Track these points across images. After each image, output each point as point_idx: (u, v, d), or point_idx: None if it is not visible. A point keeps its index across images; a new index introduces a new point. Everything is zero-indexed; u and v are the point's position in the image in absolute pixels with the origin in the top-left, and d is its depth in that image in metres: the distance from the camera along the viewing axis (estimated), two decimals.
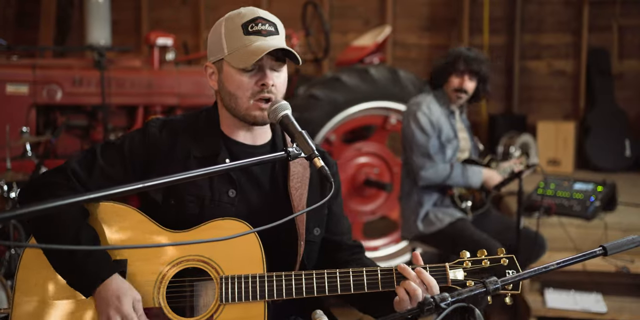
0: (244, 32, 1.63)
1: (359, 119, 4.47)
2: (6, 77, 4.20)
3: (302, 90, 4.33)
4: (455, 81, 3.32)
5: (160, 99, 4.54)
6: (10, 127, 3.94)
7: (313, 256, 1.80)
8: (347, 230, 1.89)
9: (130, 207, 1.65)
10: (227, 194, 1.69)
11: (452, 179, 3.27)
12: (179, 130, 1.73)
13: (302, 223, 1.74)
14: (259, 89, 1.63)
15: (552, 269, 1.20)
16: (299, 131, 1.52)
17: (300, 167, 1.77)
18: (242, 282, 1.58)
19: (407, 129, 3.36)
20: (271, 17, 1.68)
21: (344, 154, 4.50)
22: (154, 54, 4.54)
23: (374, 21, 6.46)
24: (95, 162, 1.68)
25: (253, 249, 1.60)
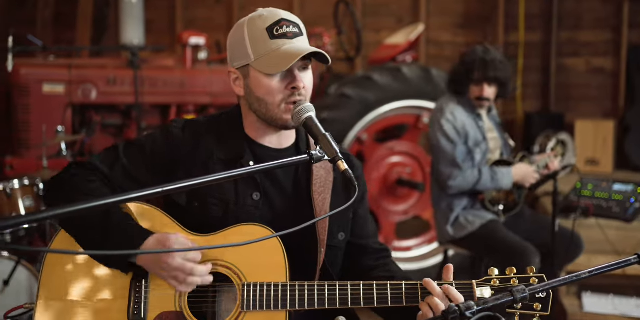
0: (269, 36, 1.60)
1: (391, 118, 4.43)
2: (43, 77, 4.28)
3: (333, 90, 4.31)
4: (475, 90, 3.26)
5: (192, 98, 4.57)
6: (47, 126, 4.02)
7: (337, 261, 1.77)
8: (373, 234, 1.86)
9: (155, 209, 1.64)
10: (251, 197, 1.68)
11: (482, 185, 3.19)
12: (202, 132, 1.71)
13: (323, 229, 1.70)
14: (290, 93, 1.61)
15: (583, 277, 1.16)
16: (323, 133, 1.50)
17: (324, 170, 1.74)
18: (264, 290, 1.56)
19: (433, 137, 3.31)
20: (293, 18, 1.65)
21: (376, 154, 4.46)
22: (187, 53, 4.57)
23: (407, 19, 6.39)
24: (118, 160, 1.67)
25: (276, 256, 1.58)
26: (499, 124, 3.48)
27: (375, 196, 4.52)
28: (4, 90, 4.41)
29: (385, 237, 4.55)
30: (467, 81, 3.23)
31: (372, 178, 4.48)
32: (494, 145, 3.38)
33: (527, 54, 6.24)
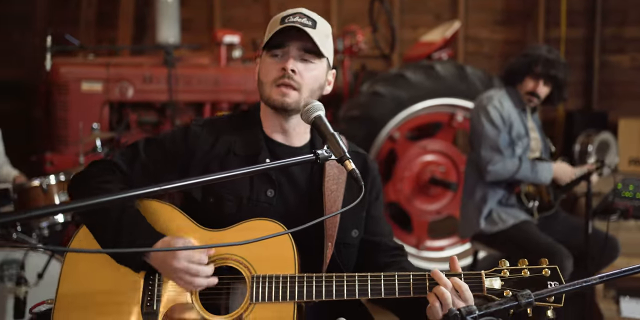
0: (279, 22, 1.65)
1: (424, 117, 4.37)
2: (82, 75, 4.38)
3: (365, 87, 4.28)
4: (529, 84, 3.21)
5: (226, 96, 4.61)
6: (84, 123, 4.11)
7: (351, 258, 1.78)
8: (387, 233, 1.86)
9: (170, 205, 1.67)
10: (265, 193, 1.70)
11: (521, 174, 3.14)
12: (221, 128, 1.75)
13: (332, 225, 1.71)
14: (280, 74, 1.64)
15: (593, 283, 1.12)
16: (331, 133, 1.50)
17: (336, 169, 1.76)
18: (272, 282, 1.58)
19: (477, 123, 3.27)
20: (315, 16, 1.69)
21: (409, 152, 4.41)
22: (221, 51, 4.62)
23: (445, 16, 6.30)
24: (138, 157, 1.72)
25: (286, 250, 1.59)
26: (541, 127, 3.44)
27: (408, 195, 4.47)
28: (45, 89, 4.52)
29: (418, 237, 4.50)
30: (525, 73, 3.20)
31: (404, 176, 4.43)
32: (535, 145, 3.33)
33: (568, 51, 6.08)
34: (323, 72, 1.71)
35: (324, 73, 1.71)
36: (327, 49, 1.69)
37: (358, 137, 4.15)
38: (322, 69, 1.70)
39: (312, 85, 1.67)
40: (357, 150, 1.85)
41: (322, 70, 1.70)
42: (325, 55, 1.68)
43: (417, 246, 4.49)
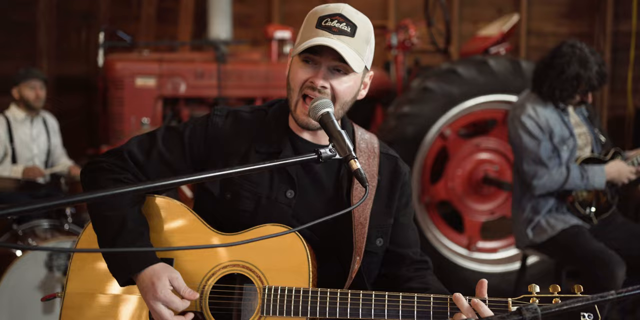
0: (316, 25, 1.54)
1: (476, 113, 4.23)
2: (136, 71, 4.48)
3: (416, 83, 4.17)
4: (577, 98, 3.02)
5: (277, 91, 4.60)
6: (139, 118, 4.20)
7: (374, 268, 1.71)
8: (414, 244, 1.76)
9: (182, 205, 1.63)
10: (284, 194, 1.63)
11: (571, 183, 2.95)
12: (244, 122, 1.68)
13: (361, 236, 1.63)
14: (309, 86, 1.55)
15: (610, 299, 1.02)
16: (338, 131, 1.44)
17: (367, 174, 1.66)
18: (284, 295, 1.51)
19: (514, 135, 3.09)
20: (356, 18, 1.56)
21: (461, 150, 4.28)
22: (272, 47, 4.61)
23: (507, 9, 6.07)
24: (155, 146, 1.65)
25: (300, 261, 1.52)
26: (588, 118, 3.21)
27: (460, 194, 4.34)
28: (102, 84, 4.65)
29: (470, 237, 4.37)
30: (574, 92, 2.98)
31: (456, 175, 4.31)
32: (583, 141, 3.12)
33: (639, 45, 5.75)
34: (358, 81, 1.60)
35: (359, 82, 1.61)
36: (365, 57, 1.57)
37: (407, 134, 4.07)
38: (357, 78, 1.59)
39: (344, 98, 1.57)
40: (388, 153, 1.76)
41: (357, 80, 1.59)
42: (363, 66, 1.56)
43: (468, 247, 4.36)
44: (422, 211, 4.26)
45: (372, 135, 1.78)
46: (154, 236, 1.59)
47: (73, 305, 1.59)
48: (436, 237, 4.30)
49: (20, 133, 4.23)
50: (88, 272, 1.60)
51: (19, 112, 4.23)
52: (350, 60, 1.51)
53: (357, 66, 1.54)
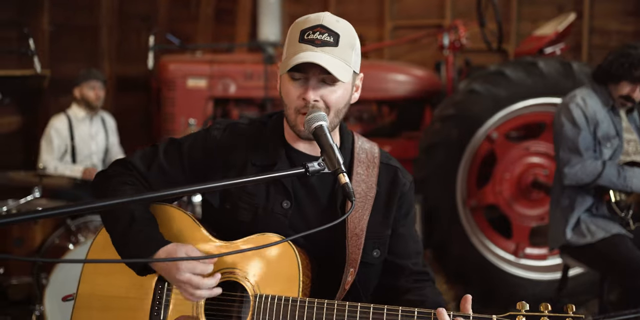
0: (299, 39, 1.56)
1: (525, 116, 4.11)
2: (188, 72, 4.60)
3: (462, 85, 4.10)
4: (625, 88, 2.91)
5: None
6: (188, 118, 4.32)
7: (370, 278, 1.71)
8: (414, 255, 1.75)
9: (185, 213, 1.67)
10: (281, 204, 1.65)
11: (605, 179, 2.85)
12: (242, 135, 1.71)
13: (356, 248, 1.63)
14: (303, 104, 1.57)
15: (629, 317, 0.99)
16: (329, 144, 1.46)
17: (365, 185, 1.67)
18: (274, 304, 1.54)
19: (557, 122, 3.03)
20: (338, 27, 1.57)
21: (509, 153, 4.18)
22: None
23: (568, 7, 5.87)
24: (156, 158, 1.70)
25: (291, 269, 1.55)
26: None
27: (508, 198, 4.24)
28: (156, 85, 4.81)
29: (517, 243, 4.26)
30: (622, 76, 2.90)
31: (504, 179, 4.21)
32: (632, 148, 3.00)
33: None
34: (348, 87, 1.61)
35: (350, 87, 1.62)
36: (352, 62, 1.58)
37: (452, 136, 4.01)
38: (347, 84, 1.61)
39: (337, 106, 1.59)
40: (388, 163, 1.76)
41: (347, 87, 1.61)
42: (350, 73, 1.58)
43: (515, 253, 4.25)
44: (467, 215, 4.19)
45: (374, 145, 1.78)
46: None
47: (84, 306, 1.67)
48: (482, 242, 4.22)
49: (80, 131, 4.44)
50: (100, 275, 1.67)
51: (79, 111, 4.45)
52: (336, 71, 1.52)
53: (343, 75, 1.55)
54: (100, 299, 1.66)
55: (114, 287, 1.64)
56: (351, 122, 4.79)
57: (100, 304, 1.65)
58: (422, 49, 6.32)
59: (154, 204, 1.69)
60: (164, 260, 1.52)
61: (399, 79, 4.77)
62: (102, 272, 1.66)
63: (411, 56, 6.29)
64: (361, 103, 4.82)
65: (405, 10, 6.66)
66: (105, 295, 1.65)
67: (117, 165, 1.74)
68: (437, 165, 4.02)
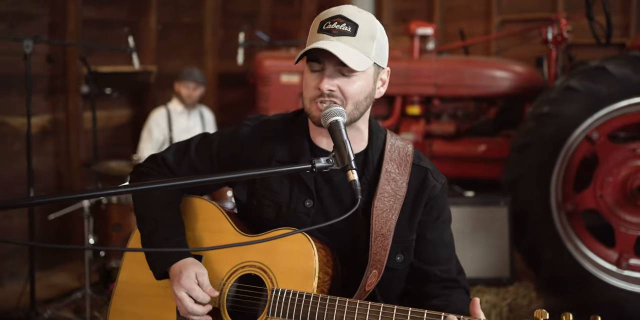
0: (318, 29, 1.55)
1: (630, 116, 3.79)
2: (282, 68, 4.69)
3: (559, 81, 3.85)
4: None
5: (417, 89, 4.55)
6: None
7: (393, 284, 1.67)
8: (444, 261, 1.69)
9: (215, 205, 1.71)
10: (303, 203, 1.65)
11: None
12: (270, 131, 1.71)
13: (382, 249, 1.59)
14: (318, 93, 1.54)
15: None
16: (343, 140, 1.44)
17: (394, 184, 1.63)
18: (289, 299, 1.53)
19: None
20: (357, 17, 1.54)
21: (613, 155, 3.87)
22: (414, 43, 4.55)
23: None
24: (187, 153, 1.74)
25: (308, 265, 1.53)
26: None
27: (611, 204, 3.94)
28: (252, 81, 4.94)
29: (621, 253, 3.95)
30: None
31: (606, 182, 3.91)
32: None
33: None
34: (369, 79, 1.58)
35: (371, 80, 1.59)
36: (372, 54, 1.55)
37: (547, 135, 3.79)
38: (368, 76, 1.57)
39: (356, 97, 1.55)
40: (419, 164, 1.70)
41: (367, 79, 1.57)
42: (369, 64, 1.54)
43: (618, 263, 3.94)
44: (562, 220, 3.94)
45: (408, 144, 1.73)
46: (188, 234, 1.70)
47: (122, 293, 1.75)
48: (579, 249, 3.95)
49: (178, 123, 4.68)
50: (139, 263, 1.73)
51: (178, 105, 4.69)
52: (349, 59, 1.49)
53: (358, 64, 1.51)
54: (136, 287, 1.73)
55: (150, 275, 1.70)
56: (445, 119, 4.67)
57: (136, 291, 1.73)
58: (531, 43, 6.03)
59: (190, 197, 1.74)
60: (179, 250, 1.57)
61: (497, 75, 4.57)
62: (141, 260, 1.72)
63: (518, 51, 6.02)
64: (456, 100, 4.68)
65: (514, 3, 6.39)
66: (141, 283, 1.71)
67: (150, 161, 1.79)
68: (529, 165, 3.82)
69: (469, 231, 3.79)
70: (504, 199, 3.81)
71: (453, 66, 4.53)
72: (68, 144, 4.82)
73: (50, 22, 4.63)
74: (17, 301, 3.75)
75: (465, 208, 3.80)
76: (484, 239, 3.79)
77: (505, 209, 3.79)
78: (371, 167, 1.66)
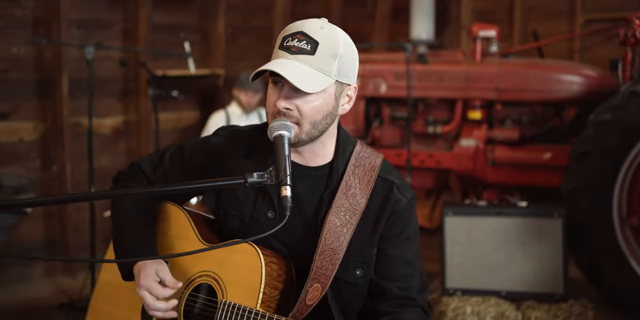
0: (279, 46, 1.54)
1: None
2: None
3: (624, 87, 3.59)
4: None
5: (478, 93, 4.41)
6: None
7: (353, 298, 1.64)
8: (402, 278, 1.63)
9: (185, 213, 1.74)
10: (265, 214, 1.64)
11: None
12: (238, 142, 1.71)
13: (329, 263, 1.56)
14: (276, 110, 1.53)
15: None
16: (282, 155, 1.43)
17: (352, 199, 1.60)
18: (234, 313, 1.54)
19: None
20: (319, 34, 1.51)
21: None
22: (476, 46, 4.41)
23: None
24: (162, 163, 1.77)
25: (255, 279, 1.53)
26: None
27: None
28: None
29: None
30: None
31: None
32: None
33: None
34: (329, 98, 1.54)
35: (332, 98, 1.54)
36: (333, 72, 1.51)
37: (608, 145, 3.55)
38: (328, 95, 1.53)
39: (313, 117, 1.52)
40: (386, 177, 1.66)
41: (327, 97, 1.53)
42: (326, 84, 1.51)
43: None
44: (626, 235, 3.67)
45: (377, 157, 1.68)
46: (161, 239, 1.75)
47: (101, 292, 1.83)
48: None
49: None
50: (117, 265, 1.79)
51: (236, 109, 4.81)
52: (300, 82, 1.46)
53: (310, 86, 1.48)
54: (113, 287, 1.80)
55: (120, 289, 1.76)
56: (508, 125, 4.48)
57: (113, 291, 1.79)
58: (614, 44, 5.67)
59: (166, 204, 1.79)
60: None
61: (565, 79, 4.34)
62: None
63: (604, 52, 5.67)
64: (520, 105, 4.49)
65: (599, 2, 6.02)
66: (119, 285, 1.77)
67: (130, 167, 1.85)
68: (589, 176, 3.60)
69: (519, 243, 3.62)
70: (559, 210, 3.61)
71: (516, 70, 4.35)
72: (139, 144, 5.06)
73: (123, 28, 4.88)
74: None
75: (516, 219, 3.64)
76: (536, 251, 3.60)
77: (560, 220, 3.59)
78: (335, 179, 1.63)
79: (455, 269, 3.69)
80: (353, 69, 1.58)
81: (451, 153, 4.50)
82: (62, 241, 4.63)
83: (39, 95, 4.50)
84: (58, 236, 4.63)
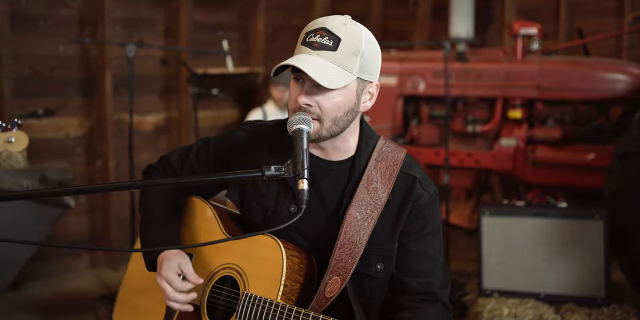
0: (302, 41, 1.54)
1: None
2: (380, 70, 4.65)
3: None
4: None
5: (518, 92, 4.33)
6: (380, 114, 4.40)
7: (375, 292, 1.64)
8: (424, 273, 1.62)
9: (210, 208, 1.76)
10: (288, 208, 1.65)
11: None
12: (262, 137, 1.73)
13: (349, 257, 1.56)
14: (297, 106, 1.53)
15: None
16: (301, 148, 1.43)
17: (373, 194, 1.59)
18: (255, 304, 1.54)
19: None
20: (341, 30, 1.51)
21: None
22: (517, 44, 4.33)
23: None
24: (188, 157, 1.80)
25: (276, 271, 1.54)
26: None
27: None
28: None
29: None
30: None
31: None
32: None
33: None
34: (350, 94, 1.54)
35: (353, 95, 1.55)
36: (355, 68, 1.52)
37: None
38: (349, 91, 1.53)
39: (334, 113, 1.53)
40: (408, 172, 1.65)
41: (348, 94, 1.53)
42: (348, 80, 1.51)
43: None
44: None
45: (401, 152, 1.66)
46: (187, 232, 1.78)
47: (128, 283, 1.87)
48: None
49: None
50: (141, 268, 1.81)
51: (272, 106, 4.84)
52: (321, 77, 1.46)
53: (332, 82, 1.47)
54: (140, 278, 1.83)
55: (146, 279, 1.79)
56: (550, 124, 4.38)
57: (139, 282, 1.83)
58: None
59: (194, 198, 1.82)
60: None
61: (610, 77, 4.21)
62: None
63: None
64: (562, 104, 4.39)
65: None
66: (146, 277, 1.80)
67: (159, 161, 1.89)
68: (633, 177, 3.49)
69: (558, 245, 3.54)
70: (600, 211, 3.51)
71: (558, 68, 4.25)
72: (179, 141, 5.15)
73: (165, 27, 4.97)
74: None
75: (556, 220, 3.56)
76: (576, 254, 3.52)
77: (601, 222, 3.50)
78: (357, 173, 1.63)
79: (492, 269, 3.63)
80: (375, 66, 1.58)
81: (491, 152, 4.43)
82: (105, 234, 4.75)
83: (84, 93, 4.63)
84: (101, 230, 4.75)
